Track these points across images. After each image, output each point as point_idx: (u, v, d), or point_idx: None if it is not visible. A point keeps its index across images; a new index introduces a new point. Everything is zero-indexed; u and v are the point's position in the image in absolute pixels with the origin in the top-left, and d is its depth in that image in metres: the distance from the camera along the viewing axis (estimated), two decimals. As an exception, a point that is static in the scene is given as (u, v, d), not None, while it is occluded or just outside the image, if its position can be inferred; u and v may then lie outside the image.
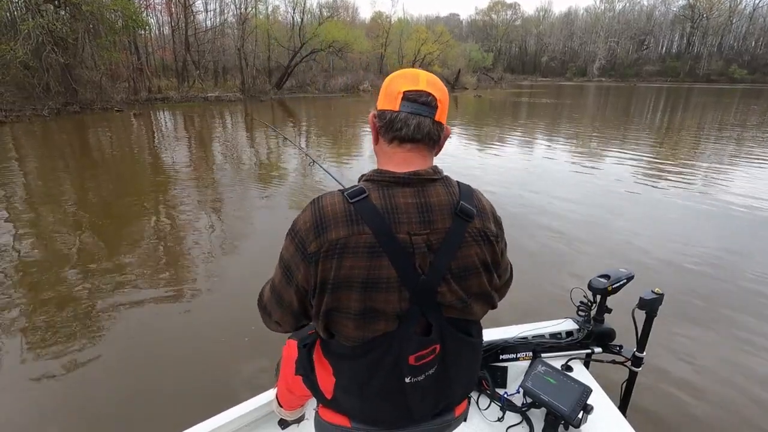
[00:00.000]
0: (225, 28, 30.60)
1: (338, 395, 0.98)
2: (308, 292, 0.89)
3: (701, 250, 4.67)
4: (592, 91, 42.79)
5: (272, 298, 0.97)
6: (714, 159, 9.67)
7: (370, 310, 0.85)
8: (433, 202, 0.87)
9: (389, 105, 0.88)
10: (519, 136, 13.44)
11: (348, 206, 0.84)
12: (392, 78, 0.91)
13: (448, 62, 43.70)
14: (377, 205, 0.84)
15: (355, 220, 0.83)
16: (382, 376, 0.90)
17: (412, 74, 0.90)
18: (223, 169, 8.68)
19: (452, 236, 0.87)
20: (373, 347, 0.88)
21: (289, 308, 0.95)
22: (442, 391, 0.97)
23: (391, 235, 0.83)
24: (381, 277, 0.83)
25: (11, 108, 14.85)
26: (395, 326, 0.87)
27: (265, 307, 1.01)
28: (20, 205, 6.14)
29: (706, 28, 69.58)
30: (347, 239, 0.82)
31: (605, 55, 75.64)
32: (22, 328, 3.21)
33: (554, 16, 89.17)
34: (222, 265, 4.30)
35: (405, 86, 0.87)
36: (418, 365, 0.90)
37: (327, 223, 0.84)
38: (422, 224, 0.85)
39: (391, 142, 0.90)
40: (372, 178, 0.89)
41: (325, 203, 0.86)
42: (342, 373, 0.96)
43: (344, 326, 0.87)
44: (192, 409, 2.36)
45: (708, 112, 21.92)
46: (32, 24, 15.27)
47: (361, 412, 0.97)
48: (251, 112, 16.69)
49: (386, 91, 0.89)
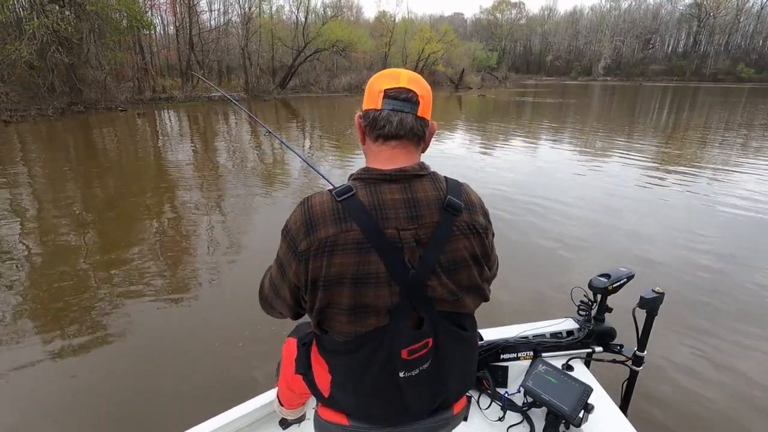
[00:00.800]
0: (229, 28, 30.63)
1: (335, 392, 0.99)
2: (300, 289, 0.92)
3: (706, 249, 4.65)
4: (597, 91, 42.53)
5: (271, 289, 1.01)
6: (720, 159, 9.57)
7: (361, 306, 0.86)
8: (420, 198, 0.89)
9: (372, 104, 0.90)
10: (523, 136, 13.37)
11: (336, 204, 0.86)
12: (374, 78, 0.93)
13: (452, 62, 43.57)
14: (365, 202, 0.86)
15: (342, 217, 0.85)
16: (375, 372, 0.91)
17: (392, 73, 0.91)
18: (226, 167, 8.70)
19: (440, 230, 0.88)
20: (365, 342, 0.89)
21: (285, 301, 0.99)
22: (437, 387, 0.97)
23: (378, 231, 0.84)
24: (370, 272, 0.84)
25: (16, 108, 14.96)
26: (386, 321, 0.88)
27: (266, 298, 1.05)
28: (26, 203, 6.20)
29: (713, 26, 68.95)
30: (336, 237, 0.84)
31: (611, 54, 75.19)
32: (19, 324, 3.22)
33: (559, 15, 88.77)
34: (225, 261, 4.31)
35: (386, 84, 0.89)
36: (411, 359, 0.90)
37: (316, 221, 0.86)
38: (410, 219, 0.87)
39: (376, 140, 0.92)
40: (360, 176, 0.91)
41: (313, 202, 0.89)
42: (337, 369, 0.97)
43: (337, 321, 0.89)
44: (194, 408, 2.36)
45: (714, 111, 21.72)
46: (36, 24, 15.36)
47: (358, 409, 0.98)
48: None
49: (369, 91, 0.91)
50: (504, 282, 3.85)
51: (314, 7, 35.37)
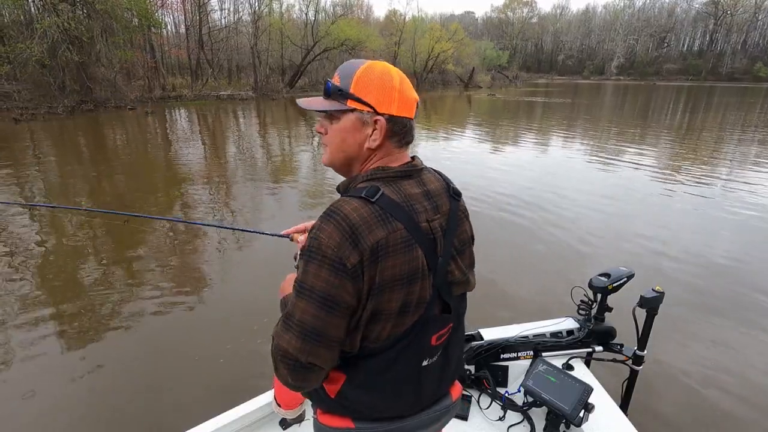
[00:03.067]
0: (239, 27, 30.74)
1: (346, 392, 0.92)
2: (357, 309, 0.83)
3: (716, 252, 4.61)
4: (609, 90, 42.01)
5: (310, 344, 0.80)
6: (735, 163, 9.34)
7: (406, 305, 0.85)
8: (432, 189, 0.92)
9: (407, 112, 0.89)
10: (533, 138, 13.16)
11: (372, 206, 0.81)
12: (402, 82, 0.89)
13: (462, 60, 43.26)
14: (396, 199, 0.84)
15: (385, 218, 0.81)
16: (401, 366, 0.90)
17: (404, 78, 0.90)
18: (234, 165, 8.72)
19: (453, 216, 0.93)
20: (400, 338, 0.87)
21: (334, 342, 0.82)
22: (446, 371, 1.00)
23: (417, 226, 0.85)
24: (417, 268, 0.84)
25: (27, 106, 15.11)
26: (421, 312, 0.88)
27: (297, 362, 0.81)
28: (37, 199, 6.27)
29: (730, 24, 67.58)
30: (387, 239, 0.80)
31: (624, 53, 74.14)
32: (25, 321, 3.25)
33: (571, 13, 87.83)
34: (235, 259, 4.37)
35: (413, 94, 0.90)
36: (436, 345, 0.93)
37: (360, 229, 0.79)
38: (434, 210, 0.89)
39: (401, 146, 0.92)
40: (376, 176, 0.88)
41: (346, 211, 0.80)
42: (358, 369, 0.90)
43: (381, 329, 0.85)
44: (196, 407, 2.38)
45: (730, 111, 21.29)
46: (47, 23, 15.50)
47: (370, 407, 0.93)
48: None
49: (404, 97, 0.88)
50: (516, 279, 3.97)
51: (324, 6, 35.37)
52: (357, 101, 0.86)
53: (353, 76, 0.87)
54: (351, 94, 0.86)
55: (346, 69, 0.89)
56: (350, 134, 0.89)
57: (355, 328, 0.84)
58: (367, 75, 0.86)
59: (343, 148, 0.91)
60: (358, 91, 0.86)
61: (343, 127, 0.89)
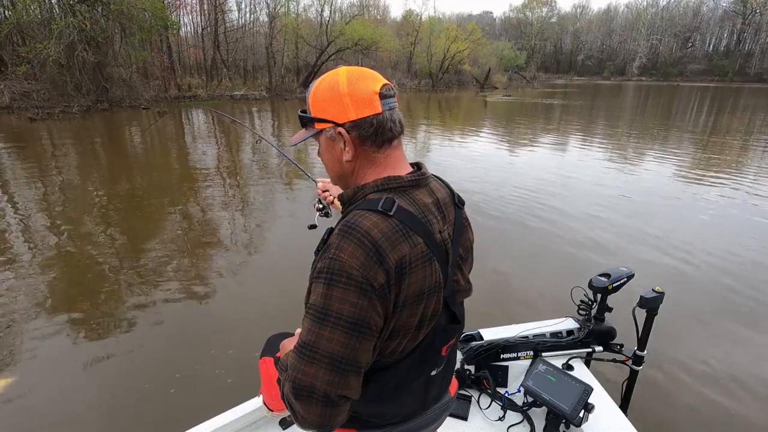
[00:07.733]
0: (255, 27, 30.94)
1: (356, 407, 0.88)
2: (383, 329, 0.80)
3: (727, 257, 4.52)
4: (630, 92, 41.05)
5: (340, 375, 0.75)
6: (762, 169, 8.90)
7: (423, 318, 0.84)
8: (440, 198, 0.90)
9: (369, 110, 0.82)
10: (551, 140, 12.81)
11: (391, 221, 0.78)
12: (351, 82, 0.82)
13: (478, 61, 42.73)
14: (413, 212, 0.82)
15: (406, 233, 0.79)
16: (412, 376, 0.90)
17: (364, 72, 0.85)
18: (247, 165, 8.80)
19: (458, 225, 0.92)
20: (413, 351, 0.87)
21: (364, 367, 0.80)
22: (446, 374, 1.01)
23: (433, 238, 0.83)
24: (435, 281, 0.83)
25: (42, 105, 15.37)
26: (433, 324, 0.87)
27: (326, 397, 0.75)
28: (54, 197, 6.37)
29: (759, 24, 65.19)
30: (410, 254, 0.78)
31: (646, 53, 72.30)
32: (36, 312, 3.32)
33: (592, 12, 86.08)
34: (247, 260, 4.38)
35: (374, 85, 0.83)
36: (445, 355, 0.94)
37: (383, 246, 0.75)
38: (443, 220, 0.88)
39: (381, 146, 0.86)
40: (386, 186, 0.84)
41: (366, 228, 0.76)
42: (368, 384, 0.86)
43: (397, 345, 0.84)
44: (198, 407, 2.31)
45: (758, 114, 20.48)
46: (63, 23, 15.75)
47: (378, 416, 0.94)
48: (210, 109, 16.97)
49: (356, 98, 0.82)
50: (528, 277, 4.01)
51: (339, 6, 35.35)
52: (320, 122, 0.85)
53: (309, 99, 0.87)
54: (313, 117, 0.86)
55: (306, 93, 0.89)
56: (329, 154, 0.89)
57: (373, 347, 0.82)
58: (317, 93, 0.85)
59: (331, 167, 0.91)
60: (316, 112, 0.85)
61: (323, 149, 0.90)
